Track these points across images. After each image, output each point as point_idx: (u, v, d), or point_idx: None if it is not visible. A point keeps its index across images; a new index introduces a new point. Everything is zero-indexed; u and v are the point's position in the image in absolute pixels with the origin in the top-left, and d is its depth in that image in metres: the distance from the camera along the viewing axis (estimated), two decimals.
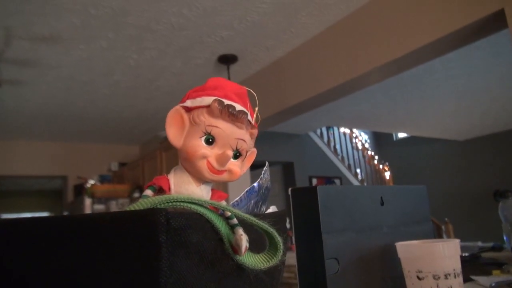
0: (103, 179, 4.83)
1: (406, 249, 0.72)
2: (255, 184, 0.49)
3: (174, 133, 0.40)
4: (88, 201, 3.99)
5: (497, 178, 5.85)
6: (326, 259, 0.67)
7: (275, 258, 0.34)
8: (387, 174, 7.30)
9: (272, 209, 0.55)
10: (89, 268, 0.26)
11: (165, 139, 3.90)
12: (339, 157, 6.78)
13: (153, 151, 4.23)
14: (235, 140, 0.39)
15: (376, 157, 7.54)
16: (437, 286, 0.67)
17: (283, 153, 5.82)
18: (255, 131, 0.42)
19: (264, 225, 0.34)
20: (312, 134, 6.40)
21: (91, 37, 2.57)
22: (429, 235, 0.88)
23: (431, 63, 2.68)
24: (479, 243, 2.69)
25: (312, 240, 0.69)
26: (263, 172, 0.52)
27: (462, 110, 4.96)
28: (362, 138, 7.64)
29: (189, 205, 0.31)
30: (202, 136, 0.39)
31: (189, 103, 0.41)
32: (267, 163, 0.57)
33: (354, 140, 7.36)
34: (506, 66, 3.51)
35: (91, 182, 4.31)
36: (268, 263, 0.34)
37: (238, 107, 0.40)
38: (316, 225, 0.68)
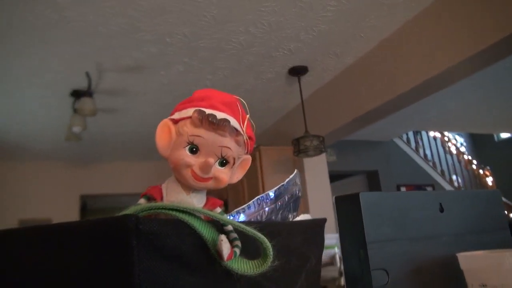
0: None
1: (468, 259, 0.65)
2: (270, 192, 0.49)
3: (162, 144, 0.42)
4: None
5: None
6: (372, 270, 0.64)
7: (265, 264, 0.34)
8: (489, 180, 6.58)
9: (303, 217, 0.55)
10: (67, 276, 0.29)
11: None
12: (430, 163, 6.31)
13: None
14: (219, 147, 0.40)
15: (475, 161, 6.85)
16: None
17: (366, 162, 5.60)
18: (241, 138, 0.43)
19: (253, 231, 0.34)
20: (397, 140, 6.07)
21: (169, 63, 2.77)
22: (506, 245, 0.78)
23: None
24: None
25: (357, 250, 0.66)
26: (287, 180, 0.52)
27: None
28: (456, 141, 7.03)
29: (171, 211, 0.33)
30: (186, 146, 0.40)
31: (176, 115, 0.44)
32: (296, 171, 0.56)
33: (447, 144, 6.79)
34: None
35: None
36: (258, 269, 0.34)
37: (221, 115, 0.41)
38: (360, 234, 0.65)
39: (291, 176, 0.54)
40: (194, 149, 0.40)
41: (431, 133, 6.66)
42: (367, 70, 2.85)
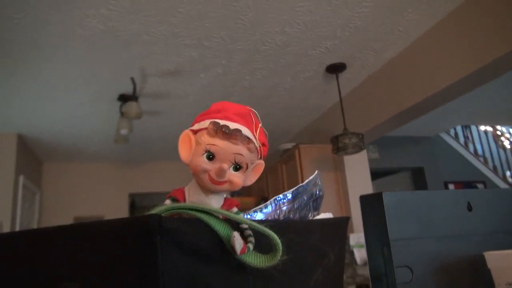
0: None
1: (496, 258, 0.65)
2: (288, 193, 0.52)
3: (184, 153, 0.47)
4: None
5: None
6: (396, 267, 0.65)
7: (275, 258, 0.38)
8: None
9: (323, 215, 0.58)
10: (100, 267, 0.34)
11: (285, 152, 4.05)
12: (481, 158, 6.01)
13: (274, 164, 4.42)
14: (233, 154, 0.45)
15: None
16: None
17: (411, 158, 5.43)
18: (253, 145, 0.47)
19: (263, 228, 0.38)
20: (444, 135, 5.83)
21: (208, 66, 2.86)
22: None
23: None
24: None
25: (381, 248, 0.67)
26: (306, 181, 0.55)
27: None
28: (510, 135, 6.63)
29: (191, 211, 0.38)
30: (204, 154, 0.45)
31: (195, 126, 0.48)
32: (316, 171, 0.59)
33: (499, 139, 6.43)
34: None
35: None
36: (269, 262, 0.38)
37: (234, 126, 0.46)
38: (384, 232, 0.67)
39: (311, 177, 0.57)
40: (211, 156, 0.45)
41: (482, 127, 6.33)
42: (408, 64, 2.78)
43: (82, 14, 2.15)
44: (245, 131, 0.46)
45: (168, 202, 0.45)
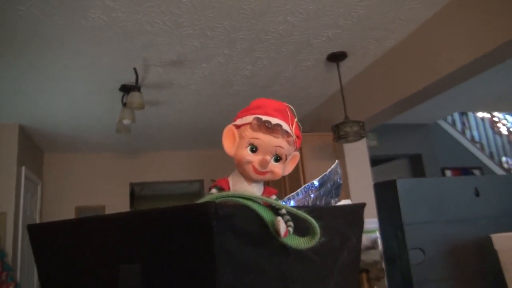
0: None
1: (502, 240, 0.70)
2: (315, 181, 0.56)
3: (228, 146, 0.51)
4: None
5: None
6: (410, 249, 0.70)
7: (313, 240, 0.42)
8: None
9: (344, 202, 0.62)
10: (156, 252, 0.38)
11: None
12: (478, 145, 6.08)
13: None
14: (274, 147, 0.49)
15: None
16: None
17: (409, 145, 5.50)
18: (292, 139, 0.51)
19: (302, 213, 0.42)
20: (442, 122, 5.89)
21: (210, 56, 2.88)
22: None
23: None
24: None
25: (395, 231, 0.72)
26: (329, 170, 0.59)
27: None
28: (507, 122, 6.70)
29: (239, 199, 0.41)
30: (248, 146, 0.49)
31: (238, 121, 0.52)
32: (336, 161, 0.63)
33: (496, 125, 6.50)
34: None
35: None
36: (308, 244, 0.42)
37: (275, 121, 0.49)
38: (398, 217, 0.71)
39: (332, 166, 0.61)
40: (254, 149, 0.49)
41: (479, 114, 6.39)
42: (408, 53, 2.81)
43: (86, 5, 2.16)
44: (284, 125, 0.50)
45: (214, 191, 0.49)
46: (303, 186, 0.55)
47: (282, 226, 0.40)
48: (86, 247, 0.43)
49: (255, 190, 0.49)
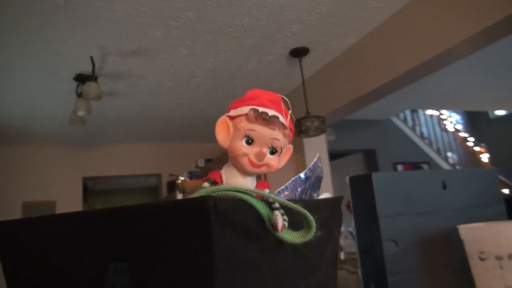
0: (192, 175, 5.21)
1: (467, 231, 0.74)
2: (301, 174, 0.56)
3: (222, 137, 0.50)
4: (180, 196, 4.35)
5: None
6: (384, 241, 0.72)
7: (309, 234, 0.42)
8: (484, 156, 6.71)
9: (325, 195, 0.62)
10: (147, 249, 0.36)
11: None
12: (426, 141, 6.42)
13: None
14: (270, 139, 0.48)
15: (472, 138, 6.97)
16: (500, 266, 0.67)
17: (364, 141, 5.70)
18: (287, 131, 0.50)
19: (298, 207, 0.42)
20: (394, 119, 6.15)
21: (172, 47, 2.81)
22: (501, 218, 0.87)
23: None
24: None
25: (370, 224, 0.74)
26: (312, 163, 0.59)
27: None
28: (452, 119, 7.12)
29: (234, 193, 0.40)
30: (243, 138, 0.48)
31: (232, 112, 0.51)
32: (317, 154, 0.64)
33: (443, 122, 6.89)
34: None
35: (182, 178, 4.69)
36: (303, 238, 0.42)
37: (271, 112, 0.49)
38: (373, 209, 0.73)
39: (314, 160, 0.61)
40: (250, 141, 0.47)
41: (428, 111, 6.74)
42: (368, 51, 2.90)
43: None
44: (280, 117, 0.49)
45: (206, 184, 0.47)
46: (291, 180, 0.54)
47: (280, 221, 0.39)
48: (70, 246, 0.40)
49: (249, 183, 0.48)
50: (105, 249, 0.38)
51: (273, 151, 0.49)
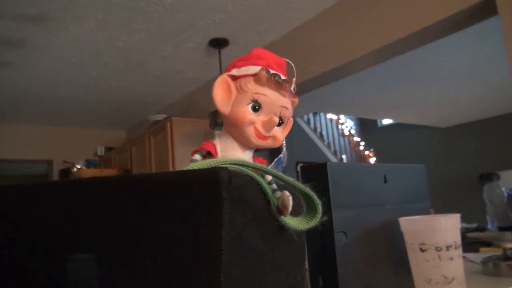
0: (89, 164, 4.79)
1: (409, 223, 0.76)
2: (281, 156, 0.51)
3: (221, 100, 0.41)
4: None
5: (479, 164, 6.03)
6: (335, 233, 0.70)
7: (314, 219, 0.37)
8: (372, 160, 7.42)
9: None
10: (154, 224, 0.28)
11: (154, 123, 3.88)
12: (326, 143, 6.86)
13: (141, 135, 4.20)
14: (279, 107, 0.41)
15: (362, 143, 7.65)
16: (439, 257, 0.71)
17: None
18: (297, 100, 0.44)
19: (306, 188, 0.36)
20: (299, 120, 6.44)
21: (80, 18, 2.51)
22: (428, 212, 0.92)
23: (421, 49, 2.73)
24: (464, 225, 2.79)
25: (323, 215, 0.72)
26: (283, 144, 0.55)
27: (448, 97, 5.07)
28: (348, 124, 7.73)
29: (240, 167, 0.33)
30: (249, 103, 0.40)
31: (235, 71, 0.43)
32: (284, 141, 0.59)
33: (340, 127, 7.44)
34: (491, 55, 3.59)
35: (78, 166, 4.27)
36: (308, 225, 0.36)
37: (282, 76, 0.42)
38: (327, 201, 0.71)
39: (283, 143, 0.56)
40: (257, 107, 0.40)
41: (328, 115, 7.21)
42: (287, 50, 2.95)
43: None
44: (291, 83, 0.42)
45: (197, 156, 0.38)
46: (275, 161, 0.48)
47: (291, 202, 0.33)
48: (19, 231, 0.28)
49: (248, 158, 0.41)
50: (66, 236, 0.28)
51: (279, 122, 0.42)
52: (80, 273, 0.27)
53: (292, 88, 0.44)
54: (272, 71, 0.41)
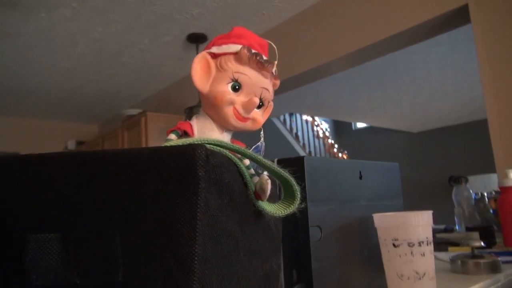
0: None
1: (382, 219, 0.77)
2: (260, 143, 0.50)
3: (200, 78, 0.39)
4: None
5: (449, 168, 6.22)
6: (311, 227, 0.70)
7: (292, 206, 0.36)
8: None
9: None
10: (124, 203, 0.26)
11: (129, 118, 3.79)
12: (301, 144, 6.91)
13: (114, 130, 4.10)
14: (260, 88, 0.40)
15: (336, 145, 7.75)
16: (411, 253, 0.72)
17: (248, 140, 5.81)
18: (278, 82, 0.43)
19: (285, 173, 0.35)
20: (275, 120, 6.47)
21: (54, 6, 2.43)
22: (401, 209, 0.94)
23: (394, 54, 2.78)
24: (433, 226, 2.87)
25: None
26: (261, 132, 0.54)
27: (419, 103, 5.20)
28: (323, 126, 7.82)
29: (217, 148, 0.32)
30: (229, 83, 0.39)
31: (215, 49, 0.41)
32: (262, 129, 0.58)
33: (315, 128, 7.51)
34: (461, 63, 3.70)
35: None
36: (285, 211, 0.35)
37: (264, 56, 0.41)
38: (303, 194, 0.71)
39: (261, 132, 0.55)
40: (237, 87, 0.38)
41: (304, 117, 7.27)
42: None
43: None
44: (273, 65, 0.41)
45: (173, 136, 0.36)
46: (253, 148, 0.47)
47: (269, 186, 0.32)
48: None
49: (226, 140, 0.39)
50: (27, 214, 0.26)
51: (260, 104, 0.41)
52: (43, 254, 0.25)
53: (273, 71, 0.43)
54: (254, 51, 0.40)
